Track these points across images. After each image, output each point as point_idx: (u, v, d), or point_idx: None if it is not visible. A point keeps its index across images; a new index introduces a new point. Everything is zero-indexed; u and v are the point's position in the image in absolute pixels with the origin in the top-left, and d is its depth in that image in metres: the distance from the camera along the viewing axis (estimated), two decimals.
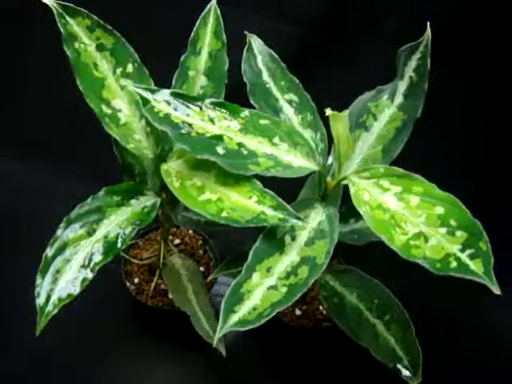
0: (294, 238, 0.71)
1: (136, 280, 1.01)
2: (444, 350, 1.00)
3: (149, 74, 0.77)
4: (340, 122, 0.64)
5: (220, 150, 0.71)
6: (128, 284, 1.00)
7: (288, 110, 0.80)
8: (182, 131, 0.71)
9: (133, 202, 0.79)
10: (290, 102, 0.80)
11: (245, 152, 0.71)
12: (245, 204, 0.71)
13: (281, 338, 1.00)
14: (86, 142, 1.17)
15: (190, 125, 0.72)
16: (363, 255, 0.95)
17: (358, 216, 0.87)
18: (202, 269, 1.02)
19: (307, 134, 0.79)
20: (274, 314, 0.66)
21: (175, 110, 0.72)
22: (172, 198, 0.79)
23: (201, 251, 1.06)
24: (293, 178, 0.73)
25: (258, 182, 0.71)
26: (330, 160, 0.84)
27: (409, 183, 0.69)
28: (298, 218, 0.69)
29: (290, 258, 0.70)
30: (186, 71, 0.82)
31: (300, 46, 1.15)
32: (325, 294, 0.88)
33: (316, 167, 0.74)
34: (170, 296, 0.97)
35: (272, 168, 0.71)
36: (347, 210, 0.87)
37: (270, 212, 0.69)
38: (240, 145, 0.72)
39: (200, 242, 1.07)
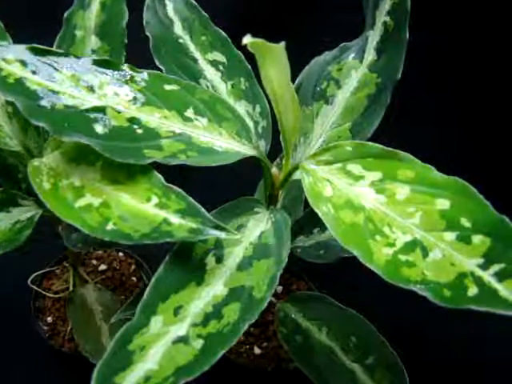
0: (220, 260, 0.42)
1: (49, 319, 0.71)
2: None
3: (4, 27, 0.48)
4: (273, 61, 0.34)
5: (99, 128, 0.41)
6: (40, 324, 0.70)
7: (212, 75, 0.50)
8: (42, 103, 0.42)
9: (0, 216, 0.50)
10: (214, 63, 0.50)
11: (139, 131, 0.42)
12: (140, 209, 0.41)
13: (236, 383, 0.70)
14: None
15: (56, 93, 0.42)
16: (336, 276, 0.65)
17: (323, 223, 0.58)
18: None
19: (241, 107, 0.49)
20: None
21: (34, 72, 0.43)
22: None
23: (134, 278, 0.76)
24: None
25: (160, 176, 0.42)
26: None
27: (392, 166, 0.40)
28: (221, 229, 0.39)
29: (213, 290, 0.40)
30: (71, 31, 0.52)
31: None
32: (284, 332, 0.58)
33: (252, 152, 0.44)
34: None
35: (181, 153, 0.42)
36: (308, 216, 0.58)
37: (175, 220, 0.40)
38: (132, 120, 0.42)
39: (133, 266, 0.77)
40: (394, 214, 0.39)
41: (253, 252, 0.43)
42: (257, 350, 0.71)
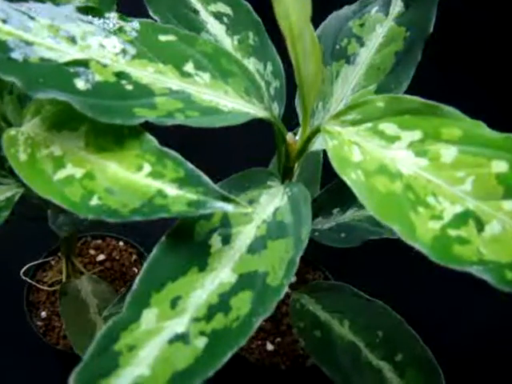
0: (227, 241, 0.34)
1: (43, 313, 0.64)
2: None
3: None
4: None
5: (80, 83, 0.34)
6: (33, 319, 0.63)
7: (215, 29, 0.42)
8: (13, 55, 0.34)
9: None
10: (218, 15, 0.42)
11: (129, 87, 0.34)
12: (130, 180, 0.33)
13: (247, 383, 0.64)
14: None
15: (31, 44, 0.35)
16: (359, 264, 0.58)
17: (345, 202, 0.50)
18: None
19: (250, 65, 0.41)
20: None
21: (4, 21, 0.35)
22: None
23: (135, 269, 0.68)
24: None
25: (153, 139, 0.34)
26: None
27: (434, 123, 0.32)
28: (227, 201, 0.31)
29: (219, 277, 0.32)
30: None
31: None
32: (301, 325, 0.50)
33: (263, 113, 0.37)
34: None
35: (179, 112, 0.34)
36: (327, 194, 0.51)
37: (172, 191, 0.32)
38: (120, 75, 0.35)
39: (134, 256, 0.69)
40: (438, 181, 0.31)
41: (266, 231, 0.35)
42: (269, 346, 0.63)
